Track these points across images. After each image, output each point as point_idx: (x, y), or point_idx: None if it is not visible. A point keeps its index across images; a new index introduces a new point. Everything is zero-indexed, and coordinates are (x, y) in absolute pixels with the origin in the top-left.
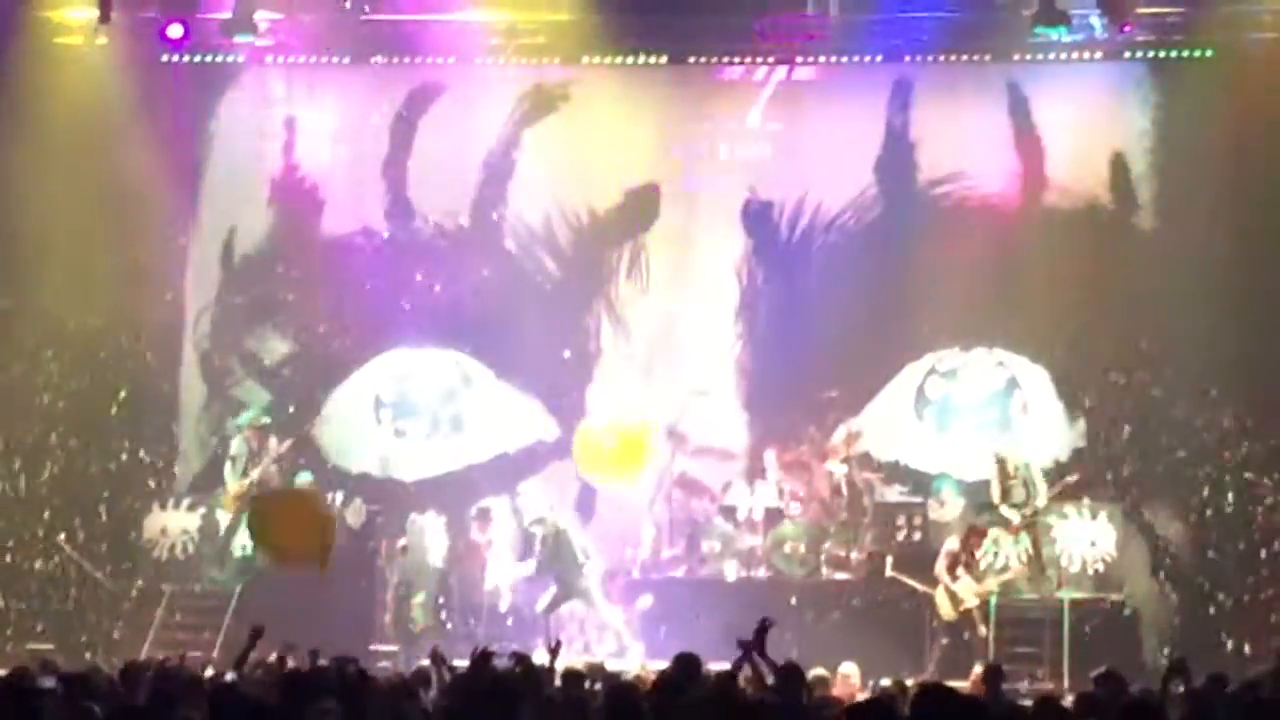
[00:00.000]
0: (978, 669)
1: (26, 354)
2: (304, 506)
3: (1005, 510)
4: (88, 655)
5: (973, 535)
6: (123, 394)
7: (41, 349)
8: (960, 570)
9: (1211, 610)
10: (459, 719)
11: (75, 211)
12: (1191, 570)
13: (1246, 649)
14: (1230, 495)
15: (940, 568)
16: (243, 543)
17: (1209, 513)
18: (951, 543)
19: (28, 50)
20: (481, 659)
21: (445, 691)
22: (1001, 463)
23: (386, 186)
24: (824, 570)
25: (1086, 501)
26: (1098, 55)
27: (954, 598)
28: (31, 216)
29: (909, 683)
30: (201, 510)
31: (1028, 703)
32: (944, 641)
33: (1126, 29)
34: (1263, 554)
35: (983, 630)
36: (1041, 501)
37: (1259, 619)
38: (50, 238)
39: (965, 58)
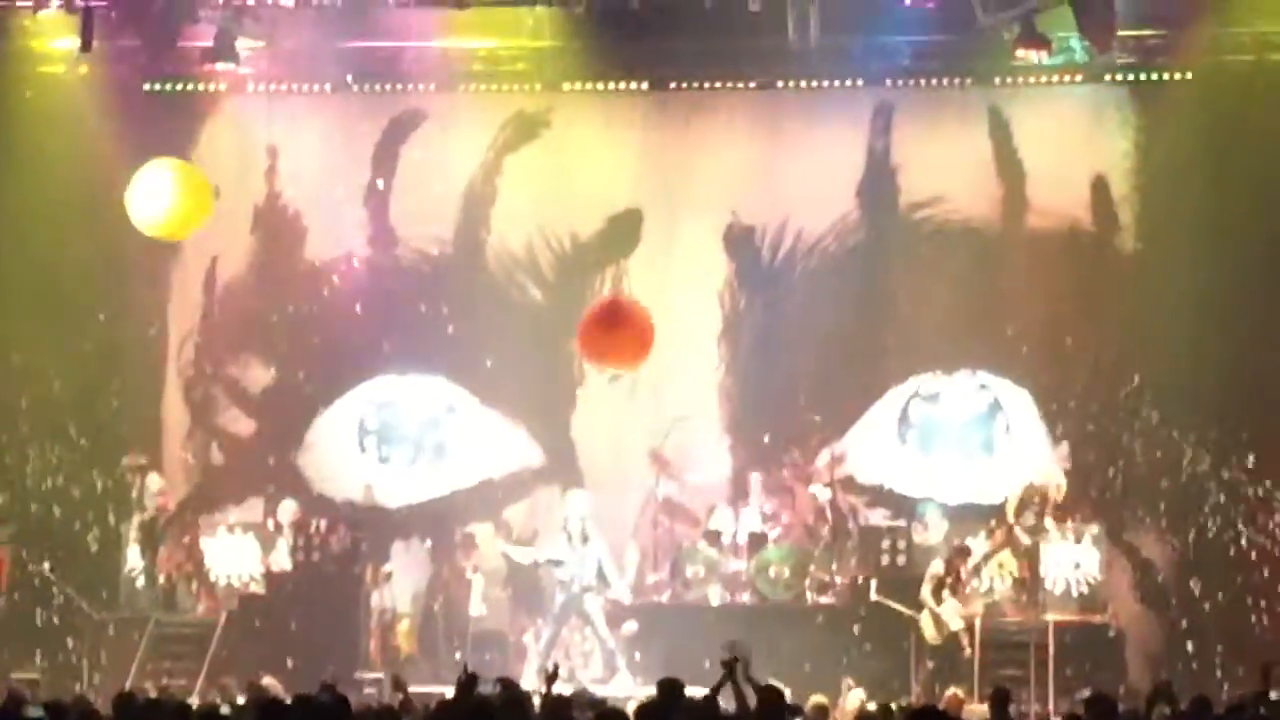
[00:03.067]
0: (953, 691)
1: (9, 378)
2: None
3: (1018, 531)
4: (76, 686)
5: (957, 556)
6: (106, 421)
7: (24, 373)
8: (945, 593)
9: (1197, 633)
10: None
11: (58, 239)
12: (1176, 592)
13: (1222, 671)
14: (1215, 517)
15: (925, 592)
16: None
17: (1193, 535)
18: (936, 566)
19: (9, 79)
20: (466, 685)
21: (429, 717)
22: (1029, 486)
23: (369, 214)
24: (808, 594)
25: (1070, 524)
26: (1078, 78)
27: (939, 621)
28: (13, 243)
29: (893, 706)
30: (185, 538)
31: None
32: (930, 665)
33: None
34: (1246, 575)
35: (968, 652)
36: (1050, 532)
37: (1244, 642)
38: (33, 263)
39: (946, 81)
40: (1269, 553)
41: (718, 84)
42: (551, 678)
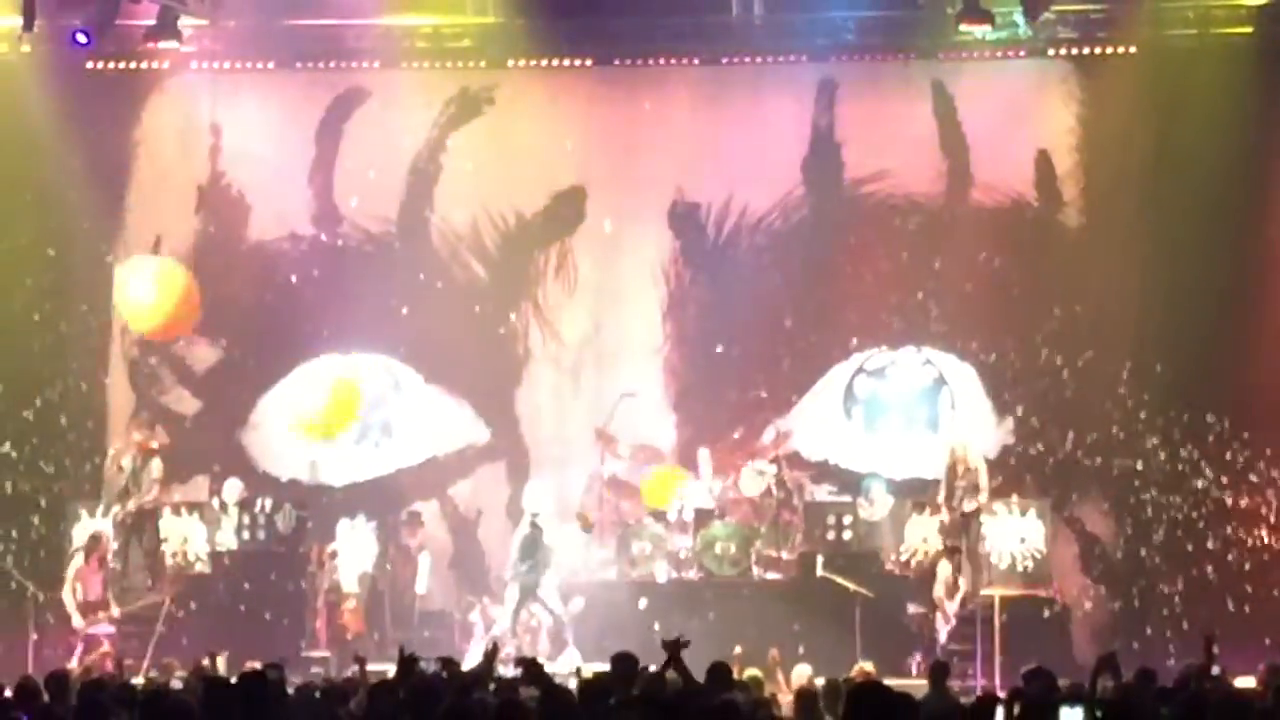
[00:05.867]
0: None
1: None
2: None
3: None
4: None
5: (953, 556)
6: (52, 400)
7: None
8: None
9: (1142, 606)
10: None
11: (1, 219)
12: (1120, 566)
13: (1167, 644)
14: (1158, 490)
15: (940, 592)
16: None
17: (1138, 508)
18: (944, 569)
19: None
20: (407, 663)
21: (369, 696)
22: (949, 464)
23: (313, 192)
24: (754, 570)
25: (1015, 498)
26: (1022, 53)
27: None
28: None
29: (840, 680)
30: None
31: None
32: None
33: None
34: (1189, 548)
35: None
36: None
37: (1189, 615)
38: None
39: (890, 56)
40: (1213, 526)
41: (662, 60)
42: (492, 654)
